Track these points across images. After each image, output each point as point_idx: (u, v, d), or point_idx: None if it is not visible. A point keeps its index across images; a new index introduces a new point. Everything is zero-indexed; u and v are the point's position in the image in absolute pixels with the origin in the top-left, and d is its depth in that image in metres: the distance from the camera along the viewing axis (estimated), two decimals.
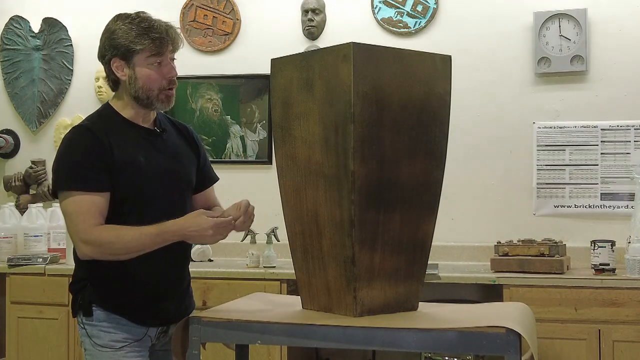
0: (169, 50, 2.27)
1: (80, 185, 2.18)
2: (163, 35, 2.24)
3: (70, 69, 4.84)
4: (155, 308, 2.31)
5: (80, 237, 2.17)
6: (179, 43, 2.32)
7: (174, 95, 2.32)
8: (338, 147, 2.01)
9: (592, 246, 3.62)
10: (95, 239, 2.16)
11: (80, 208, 2.17)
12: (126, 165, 2.23)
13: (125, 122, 2.31)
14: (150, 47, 2.23)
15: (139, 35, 2.22)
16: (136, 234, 2.16)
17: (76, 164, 2.21)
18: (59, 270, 4.08)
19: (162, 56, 2.25)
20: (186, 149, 2.45)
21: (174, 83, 2.29)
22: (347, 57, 1.97)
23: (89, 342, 2.28)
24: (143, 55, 2.23)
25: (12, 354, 4.15)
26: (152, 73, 2.25)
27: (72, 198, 2.18)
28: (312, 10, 4.42)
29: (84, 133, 2.25)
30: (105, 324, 2.26)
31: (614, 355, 3.45)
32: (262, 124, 4.54)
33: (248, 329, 2.09)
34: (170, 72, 2.27)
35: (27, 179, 4.83)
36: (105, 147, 2.21)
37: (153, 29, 2.23)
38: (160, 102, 2.28)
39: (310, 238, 2.14)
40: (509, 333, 1.89)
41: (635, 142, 4.01)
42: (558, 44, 4.09)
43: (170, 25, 2.29)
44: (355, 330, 2.00)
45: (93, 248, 2.16)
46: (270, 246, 4.00)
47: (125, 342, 2.27)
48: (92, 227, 2.16)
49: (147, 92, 2.26)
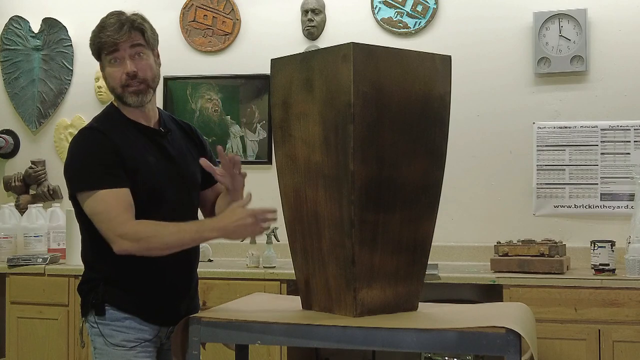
0: (126, 45, 2.25)
1: (102, 182, 2.18)
2: (115, 32, 2.23)
3: (70, 69, 4.84)
4: (168, 308, 2.31)
5: (118, 232, 2.15)
6: (145, 35, 2.28)
7: (146, 90, 2.28)
8: (338, 147, 2.01)
9: (592, 246, 3.62)
10: (133, 233, 2.15)
11: (109, 205, 2.16)
12: (136, 166, 2.24)
13: (130, 122, 2.31)
14: (104, 46, 2.25)
15: (96, 35, 2.26)
16: (175, 230, 2.16)
17: (92, 164, 2.21)
18: (59, 271, 4.08)
19: (118, 52, 2.25)
20: (191, 147, 2.45)
21: (136, 77, 2.26)
22: (347, 57, 1.97)
23: (102, 341, 2.26)
24: (104, 54, 2.27)
25: (12, 354, 4.15)
26: (112, 70, 2.27)
27: (97, 196, 2.17)
28: (312, 11, 4.42)
29: (94, 134, 2.26)
30: (118, 323, 2.26)
31: (614, 355, 3.45)
32: (262, 124, 4.54)
33: (248, 329, 2.09)
34: (126, 67, 2.25)
35: (27, 179, 4.83)
36: (116, 146, 2.22)
37: (104, 28, 2.24)
38: (129, 97, 2.28)
39: (310, 238, 2.14)
40: (509, 333, 1.89)
41: (635, 142, 4.01)
42: (558, 44, 4.09)
43: (131, 19, 2.27)
44: (355, 331, 2.00)
45: (131, 243, 2.14)
46: (270, 246, 4.00)
47: (137, 342, 2.26)
48: (128, 222, 2.16)
49: (112, 90, 2.30)
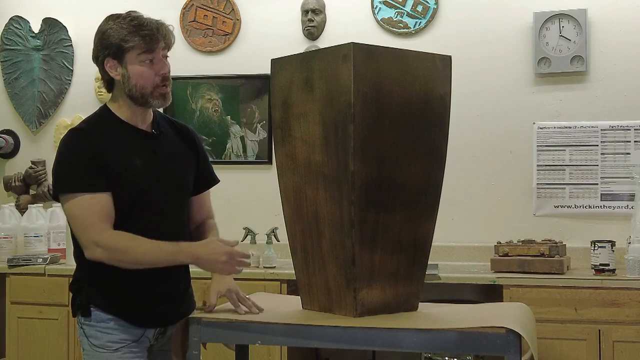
0: (160, 47, 2.25)
1: (79, 186, 2.17)
2: (153, 32, 2.23)
3: (70, 69, 4.84)
4: (153, 310, 2.31)
5: (92, 239, 2.16)
6: (171, 40, 2.30)
7: (170, 93, 2.30)
8: (338, 147, 2.01)
9: (592, 246, 3.62)
10: (107, 243, 2.15)
11: (86, 210, 2.16)
12: (122, 168, 2.22)
13: (122, 124, 2.30)
14: (140, 44, 2.22)
15: (130, 33, 2.22)
16: (149, 248, 2.15)
17: (72, 166, 2.21)
18: (59, 271, 4.07)
19: (154, 53, 2.24)
20: (184, 151, 2.42)
21: (167, 80, 2.27)
22: (347, 57, 1.97)
23: (87, 342, 2.27)
24: (134, 53, 2.23)
25: (12, 354, 4.15)
26: (145, 70, 2.24)
27: (75, 200, 2.18)
28: (312, 11, 4.42)
29: (78, 135, 2.25)
30: (103, 324, 2.26)
31: (614, 355, 3.45)
32: (262, 124, 4.54)
33: (248, 329, 2.09)
34: (162, 68, 2.26)
35: (27, 179, 4.82)
36: (99, 149, 2.21)
37: (143, 26, 2.23)
38: (155, 99, 2.27)
39: (310, 238, 2.14)
40: (509, 333, 1.89)
41: (635, 142, 4.01)
42: (558, 44, 4.09)
43: (162, 22, 2.28)
44: (355, 331, 2.00)
45: (103, 252, 2.15)
46: (270, 246, 4.01)
47: (122, 342, 2.26)
48: (105, 231, 2.16)
49: (141, 90, 2.25)
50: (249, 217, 4.33)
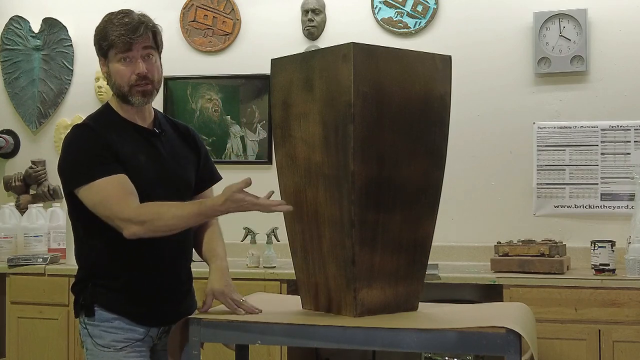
0: (139, 46, 2.26)
1: (96, 173, 2.18)
2: (129, 31, 2.24)
3: (70, 69, 4.84)
4: (155, 309, 2.31)
5: (121, 217, 2.15)
6: (157, 40, 2.31)
7: (152, 91, 2.30)
8: (338, 147, 2.01)
9: (592, 246, 3.62)
10: (137, 216, 2.14)
11: (108, 192, 2.17)
12: (126, 164, 2.23)
13: (123, 121, 2.32)
14: (117, 43, 2.24)
15: (110, 32, 2.25)
16: (177, 211, 2.16)
17: (85, 158, 2.21)
18: (59, 271, 4.07)
19: (130, 52, 2.25)
20: (186, 150, 2.44)
21: (146, 79, 2.27)
22: (347, 57, 1.97)
23: (91, 342, 2.27)
24: (113, 52, 2.26)
25: (12, 354, 4.15)
26: (121, 68, 2.26)
27: (94, 187, 2.17)
28: (312, 11, 4.42)
29: (83, 131, 2.27)
30: (107, 324, 2.26)
31: (614, 355, 3.45)
32: (262, 124, 4.54)
33: (248, 329, 2.09)
34: (137, 68, 2.26)
35: (27, 179, 4.82)
36: (107, 142, 2.23)
37: (122, 25, 2.24)
38: (135, 97, 2.28)
39: (310, 238, 2.14)
40: (509, 333, 1.89)
41: (635, 142, 4.01)
42: (558, 44, 4.09)
43: (146, 22, 2.28)
44: (356, 331, 2.00)
45: (137, 226, 2.14)
46: (270, 246, 4.00)
47: (126, 342, 2.26)
48: (129, 206, 2.16)
49: (119, 88, 2.28)
50: (249, 216, 4.24)
